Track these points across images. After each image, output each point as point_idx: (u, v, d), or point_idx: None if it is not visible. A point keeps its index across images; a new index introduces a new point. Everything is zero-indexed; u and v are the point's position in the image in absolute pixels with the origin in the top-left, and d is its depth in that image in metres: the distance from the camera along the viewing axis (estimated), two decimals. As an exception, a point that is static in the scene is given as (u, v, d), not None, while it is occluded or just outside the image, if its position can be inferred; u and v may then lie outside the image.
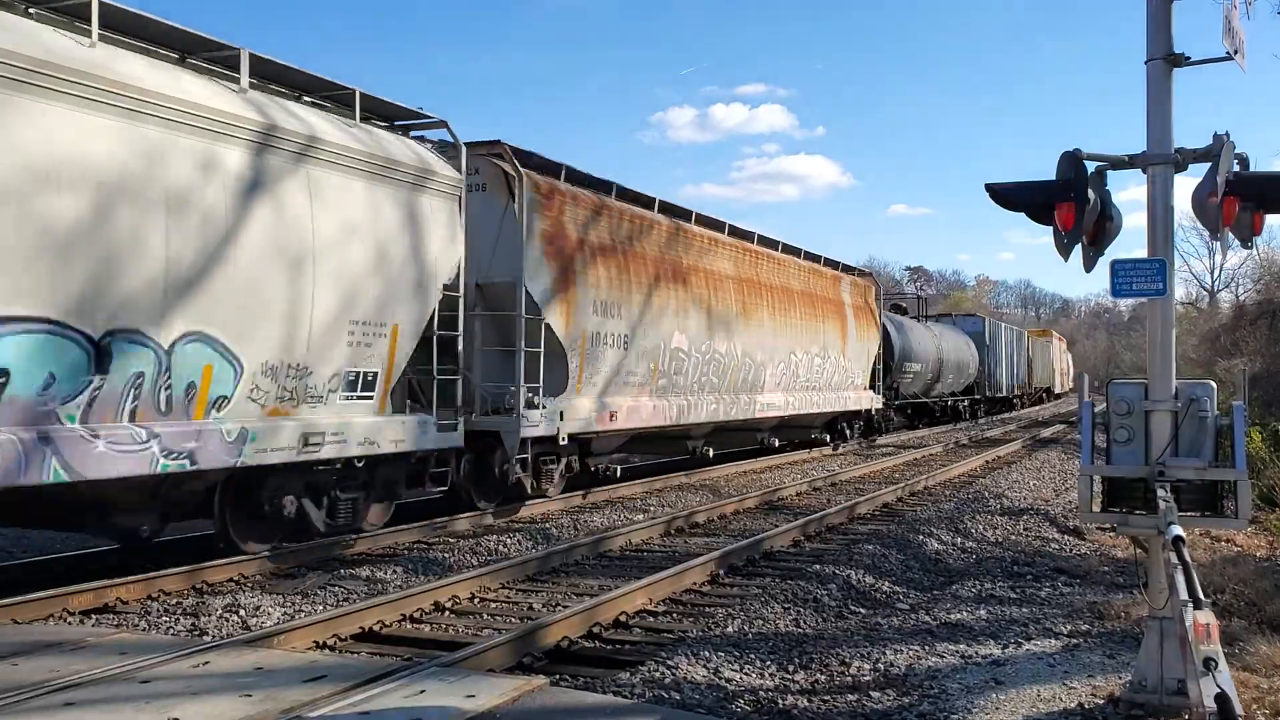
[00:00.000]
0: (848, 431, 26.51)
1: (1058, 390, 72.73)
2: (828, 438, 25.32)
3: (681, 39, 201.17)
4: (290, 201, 9.87)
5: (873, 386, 27.57)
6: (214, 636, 7.59)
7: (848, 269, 26.56)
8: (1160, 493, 5.64)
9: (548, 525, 13.22)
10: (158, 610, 8.53)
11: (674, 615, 8.66)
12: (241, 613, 8.32)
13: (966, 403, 42.86)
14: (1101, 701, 6.08)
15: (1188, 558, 4.61)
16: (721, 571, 10.20)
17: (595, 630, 7.92)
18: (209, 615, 8.25)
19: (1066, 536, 12.68)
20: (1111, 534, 12.09)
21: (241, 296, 9.31)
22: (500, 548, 11.54)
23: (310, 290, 10.02)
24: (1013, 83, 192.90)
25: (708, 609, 8.73)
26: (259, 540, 10.46)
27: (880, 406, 27.95)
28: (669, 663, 6.74)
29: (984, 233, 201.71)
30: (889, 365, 29.78)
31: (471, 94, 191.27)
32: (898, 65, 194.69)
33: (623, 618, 8.32)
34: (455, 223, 12.22)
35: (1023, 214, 6.33)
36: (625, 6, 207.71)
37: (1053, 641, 7.60)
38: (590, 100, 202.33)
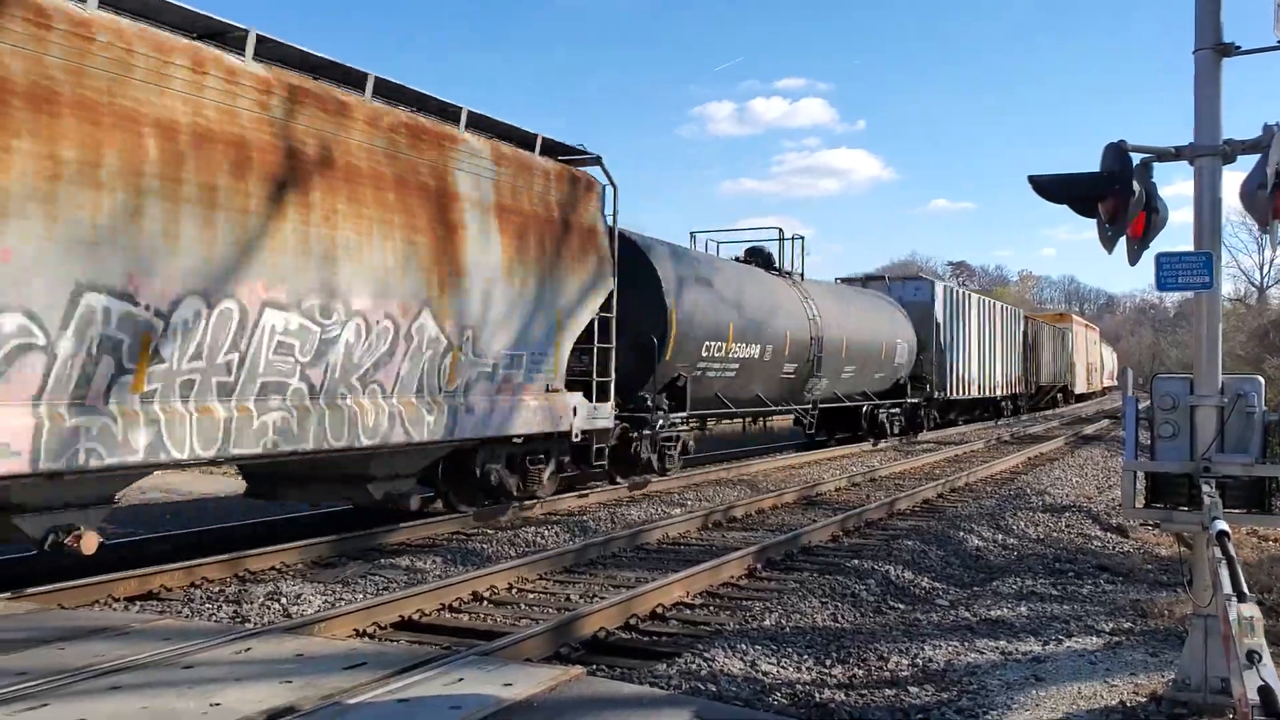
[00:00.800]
0: (510, 481, 12.48)
1: (1081, 389, 60.17)
2: (414, 503, 11.44)
3: (718, 33, 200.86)
4: None
5: (595, 388, 13.60)
6: (255, 624, 7.68)
7: (491, 128, 11.93)
8: (1205, 488, 5.56)
9: (585, 518, 13.25)
10: (200, 597, 8.64)
11: (711, 608, 8.65)
12: (283, 600, 8.41)
13: (897, 411, 27.73)
14: (1144, 700, 6.00)
15: (1232, 552, 4.54)
16: (759, 565, 10.17)
17: (632, 622, 7.93)
18: (251, 603, 8.34)
19: (1109, 534, 12.53)
20: (1156, 531, 11.95)
21: None
22: (538, 539, 11.58)
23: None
24: (1050, 76, 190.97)
25: (745, 602, 8.71)
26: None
27: (610, 425, 14.01)
28: (706, 655, 6.73)
29: (1026, 228, 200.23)
30: (663, 345, 15.75)
31: (506, 89, 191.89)
32: (934, 59, 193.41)
33: (660, 610, 8.32)
34: None
35: (1066, 207, 6.26)
36: (660, 2, 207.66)
37: (1095, 639, 7.51)
38: (627, 95, 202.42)
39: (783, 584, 9.45)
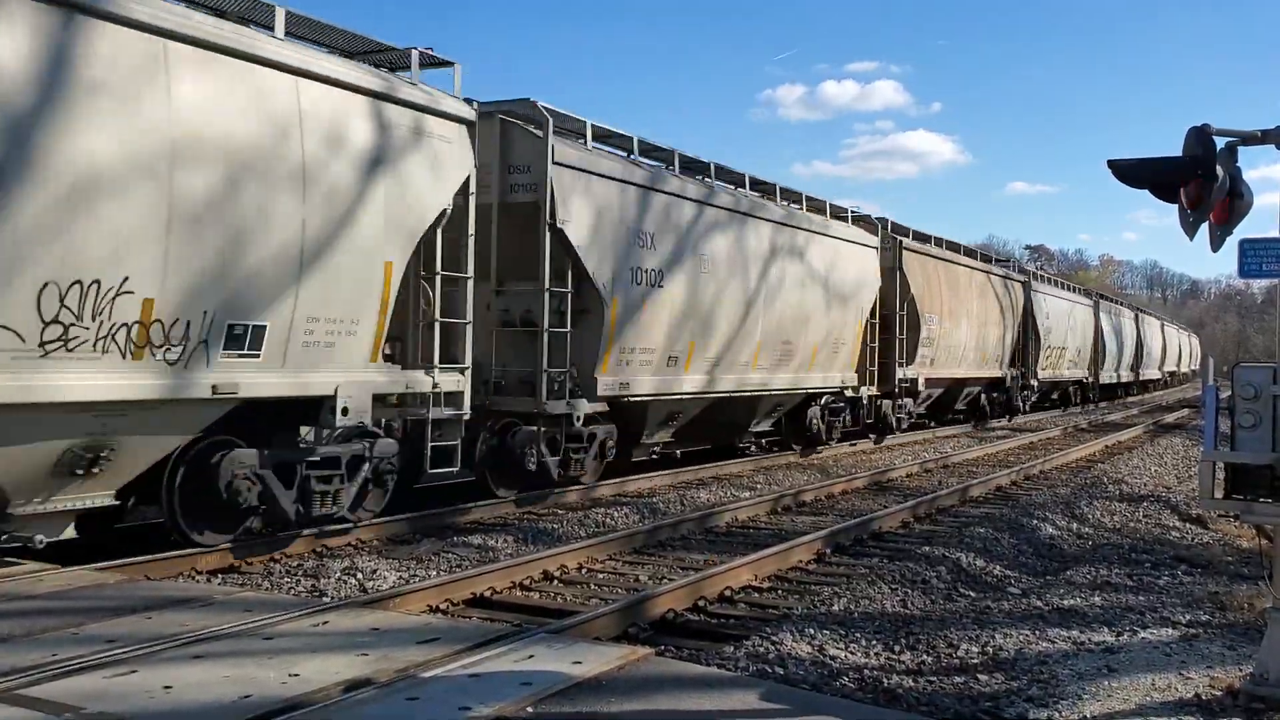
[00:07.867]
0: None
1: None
2: None
3: (790, 15, 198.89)
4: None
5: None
6: (333, 598, 7.86)
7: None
8: (1287, 480, 5.44)
9: (654, 500, 13.32)
10: (280, 571, 8.87)
11: (779, 592, 8.67)
12: (359, 576, 8.60)
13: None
14: (1220, 694, 5.90)
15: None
16: (828, 550, 10.16)
17: (700, 604, 7.98)
18: (328, 577, 8.54)
19: (1188, 525, 12.29)
20: (1237, 523, 11.68)
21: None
22: (608, 520, 11.68)
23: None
24: (1144, 55, 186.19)
25: (813, 587, 8.71)
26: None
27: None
28: (773, 638, 6.76)
29: (1108, 211, 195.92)
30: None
31: (579, 70, 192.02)
32: (1020, 40, 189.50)
33: (728, 592, 8.36)
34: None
35: (1147, 192, 6.14)
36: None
37: (1170, 631, 7.39)
38: (698, 77, 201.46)
39: (852, 569, 9.43)
